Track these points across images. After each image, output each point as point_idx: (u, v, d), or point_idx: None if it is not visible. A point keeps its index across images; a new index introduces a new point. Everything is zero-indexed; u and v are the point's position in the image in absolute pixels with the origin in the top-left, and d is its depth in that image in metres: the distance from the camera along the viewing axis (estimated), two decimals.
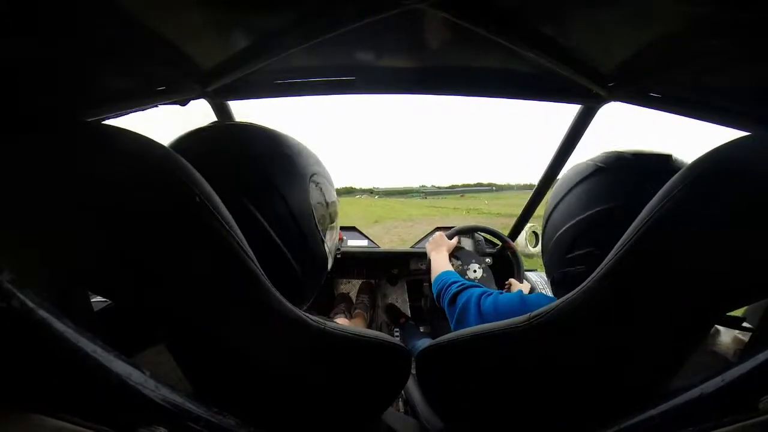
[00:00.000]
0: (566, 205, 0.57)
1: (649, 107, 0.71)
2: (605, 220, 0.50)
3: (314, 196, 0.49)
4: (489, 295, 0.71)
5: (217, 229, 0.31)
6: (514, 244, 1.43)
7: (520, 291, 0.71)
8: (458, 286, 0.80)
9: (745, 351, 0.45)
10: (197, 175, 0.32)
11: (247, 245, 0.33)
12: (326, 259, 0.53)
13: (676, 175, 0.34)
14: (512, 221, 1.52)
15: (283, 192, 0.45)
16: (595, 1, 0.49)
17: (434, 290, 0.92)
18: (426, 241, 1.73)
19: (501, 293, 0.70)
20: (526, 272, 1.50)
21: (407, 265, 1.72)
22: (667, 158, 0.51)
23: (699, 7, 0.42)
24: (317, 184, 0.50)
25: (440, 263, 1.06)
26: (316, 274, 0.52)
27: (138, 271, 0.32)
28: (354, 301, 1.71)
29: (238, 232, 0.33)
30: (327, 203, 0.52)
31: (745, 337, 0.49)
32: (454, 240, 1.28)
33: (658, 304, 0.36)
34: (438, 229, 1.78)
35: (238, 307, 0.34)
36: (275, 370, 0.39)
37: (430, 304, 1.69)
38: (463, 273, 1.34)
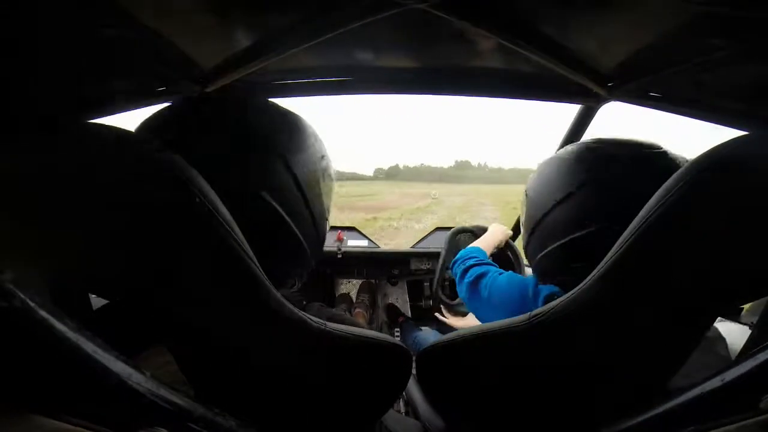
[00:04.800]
0: (553, 220, 0.56)
1: (648, 107, 0.71)
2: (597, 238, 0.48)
3: (325, 173, 0.51)
4: (501, 274, 0.74)
5: (217, 229, 0.31)
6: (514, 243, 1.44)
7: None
8: (476, 260, 0.82)
9: (744, 350, 0.45)
10: (197, 175, 0.32)
11: (247, 245, 0.33)
12: (325, 236, 0.55)
13: (675, 175, 0.34)
14: None
15: (296, 170, 0.45)
16: (595, 1, 0.49)
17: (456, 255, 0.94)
18: (426, 241, 1.74)
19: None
20: (527, 268, 1.51)
21: (408, 265, 1.72)
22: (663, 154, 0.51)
23: (698, 7, 0.43)
24: (326, 161, 0.52)
25: (481, 241, 1.10)
26: (319, 252, 0.54)
27: (138, 271, 0.32)
28: (354, 301, 1.71)
29: (239, 232, 0.33)
30: (333, 180, 0.54)
31: (745, 336, 0.49)
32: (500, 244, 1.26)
33: (657, 304, 0.36)
34: (438, 229, 1.78)
35: (238, 308, 0.34)
36: (276, 371, 0.39)
37: (431, 304, 1.69)
38: None
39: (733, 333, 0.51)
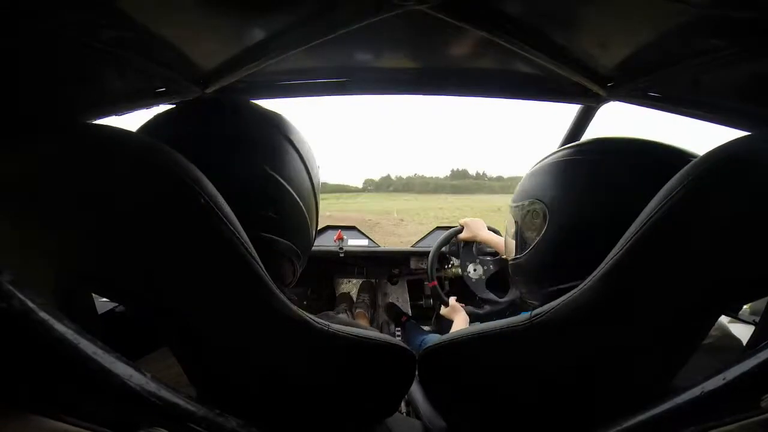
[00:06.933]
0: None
1: (648, 107, 0.71)
2: None
3: (316, 183, 0.53)
4: None
5: (221, 230, 0.31)
6: None
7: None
8: None
9: (746, 349, 0.45)
10: (202, 176, 0.31)
11: (251, 246, 0.33)
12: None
13: (677, 175, 0.34)
14: None
15: (299, 147, 0.50)
16: (594, 1, 0.49)
17: None
18: (425, 241, 1.74)
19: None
20: None
21: (408, 265, 1.72)
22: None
23: (698, 7, 0.43)
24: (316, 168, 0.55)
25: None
26: (314, 233, 0.56)
27: (141, 272, 0.32)
28: (355, 300, 1.71)
29: (243, 233, 0.33)
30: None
31: (747, 334, 0.48)
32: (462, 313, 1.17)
33: (658, 303, 0.36)
34: (438, 228, 1.78)
35: (241, 309, 0.34)
36: (279, 372, 0.38)
37: (431, 303, 1.69)
38: (464, 269, 1.39)
39: (736, 332, 0.51)
